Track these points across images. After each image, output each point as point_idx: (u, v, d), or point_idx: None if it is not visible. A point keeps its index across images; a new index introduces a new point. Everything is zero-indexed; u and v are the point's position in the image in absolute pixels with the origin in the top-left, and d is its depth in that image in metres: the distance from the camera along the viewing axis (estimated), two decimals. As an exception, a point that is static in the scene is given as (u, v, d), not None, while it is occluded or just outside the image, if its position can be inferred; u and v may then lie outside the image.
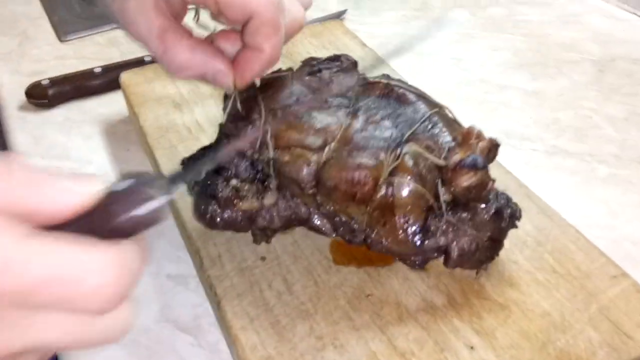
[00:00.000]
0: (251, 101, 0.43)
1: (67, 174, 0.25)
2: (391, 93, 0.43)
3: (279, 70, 0.46)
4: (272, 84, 0.45)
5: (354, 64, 0.46)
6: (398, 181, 0.38)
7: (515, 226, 0.39)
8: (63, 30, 0.80)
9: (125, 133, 0.62)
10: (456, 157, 0.38)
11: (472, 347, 0.36)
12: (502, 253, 0.41)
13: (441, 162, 0.38)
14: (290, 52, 0.65)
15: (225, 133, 0.43)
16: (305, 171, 0.40)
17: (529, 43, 0.74)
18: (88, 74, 0.67)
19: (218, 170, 0.42)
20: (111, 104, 0.66)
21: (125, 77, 0.61)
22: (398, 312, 0.39)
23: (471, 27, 0.78)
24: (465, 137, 0.39)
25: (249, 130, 0.42)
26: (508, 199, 0.39)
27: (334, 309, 0.39)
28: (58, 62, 0.74)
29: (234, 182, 0.41)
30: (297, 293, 0.41)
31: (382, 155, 0.39)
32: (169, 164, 0.51)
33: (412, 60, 0.72)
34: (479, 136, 0.38)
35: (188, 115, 0.57)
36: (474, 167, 0.37)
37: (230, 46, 0.39)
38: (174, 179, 0.27)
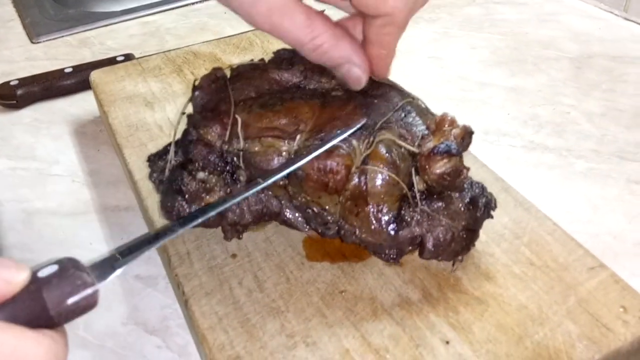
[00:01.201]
0: (221, 92, 0.42)
1: None
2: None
3: (251, 62, 0.45)
4: (243, 75, 0.43)
5: None
6: (371, 170, 0.37)
7: (490, 216, 0.38)
8: (35, 31, 0.78)
9: (96, 133, 0.61)
10: (430, 144, 0.37)
11: (448, 342, 0.35)
12: (479, 246, 0.40)
13: (415, 149, 0.37)
14: (267, 49, 0.64)
15: (193, 124, 0.41)
16: (276, 161, 0.39)
17: (506, 41, 0.74)
18: (58, 74, 0.66)
19: (184, 164, 0.40)
20: (82, 104, 0.65)
21: (95, 75, 0.60)
22: (372, 307, 0.38)
23: (449, 27, 0.77)
24: (438, 124, 0.38)
25: (218, 121, 0.40)
26: (483, 188, 0.38)
27: (306, 306, 0.38)
28: (28, 63, 0.72)
29: (200, 175, 0.40)
30: (268, 290, 0.39)
31: (354, 143, 0.38)
32: (138, 162, 0.50)
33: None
34: (453, 123, 0.37)
35: (159, 113, 0.56)
36: (447, 153, 0.36)
37: (357, 34, 0.38)
38: (104, 265, 0.26)
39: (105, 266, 0.26)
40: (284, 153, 0.38)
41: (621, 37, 0.74)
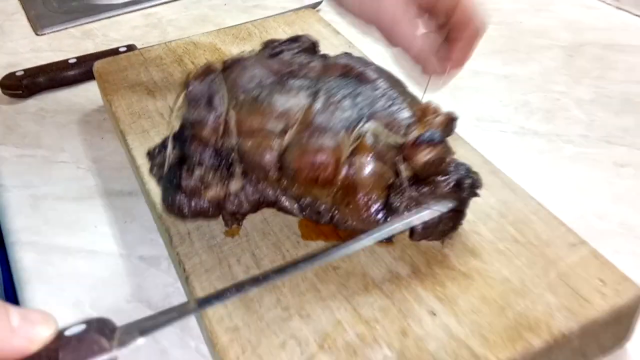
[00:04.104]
0: (213, 87, 0.43)
1: (21, 311, 0.24)
2: (351, 72, 0.44)
3: (241, 53, 0.46)
4: (234, 67, 0.45)
5: (314, 44, 0.46)
6: (359, 161, 0.38)
7: (476, 195, 0.40)
8: (39, 24, 0.80)
9: (100, 122, 0.63)
10: (414, 134, 0.39)
11: (434, 314, 0.37)
12: (466, 225, 0.42)
13: (399, 139, 0.39)
14: (265, 39, 0.66)
15: (188, 121, 0.43)
16: (268, 156, 0.40)
17: (500, 30, 0.75)
18: (62, 65, 0.67)
19: (182, 160, 0.42)
20: (86, 94, 0.67)
21: (98, 65, 0.62)
22: (364, 282, 0.40)
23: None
24: (422, 112, 0.40)
25: (211, 118, 0.42)
26: (468, 170, 0.40)
27: (301, 281, 0.40)
28: (33, 55, 0.74)
29: (198, 171, 0.41)
30: (265, 267, 0.41)
31: (342, 136, 0.39)
32: (141, 149, 0.52)
33: (383, 48, 0.73)
34: (436, 111, 0.39)
35: (161, 101, 0.58)
36: (431, 142, 0.38)
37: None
38: (127, 330, 0.27)
39: (133, 330, 0.27)
40: (275, 148, 0.40)
41: (613, 25, 0.75)
